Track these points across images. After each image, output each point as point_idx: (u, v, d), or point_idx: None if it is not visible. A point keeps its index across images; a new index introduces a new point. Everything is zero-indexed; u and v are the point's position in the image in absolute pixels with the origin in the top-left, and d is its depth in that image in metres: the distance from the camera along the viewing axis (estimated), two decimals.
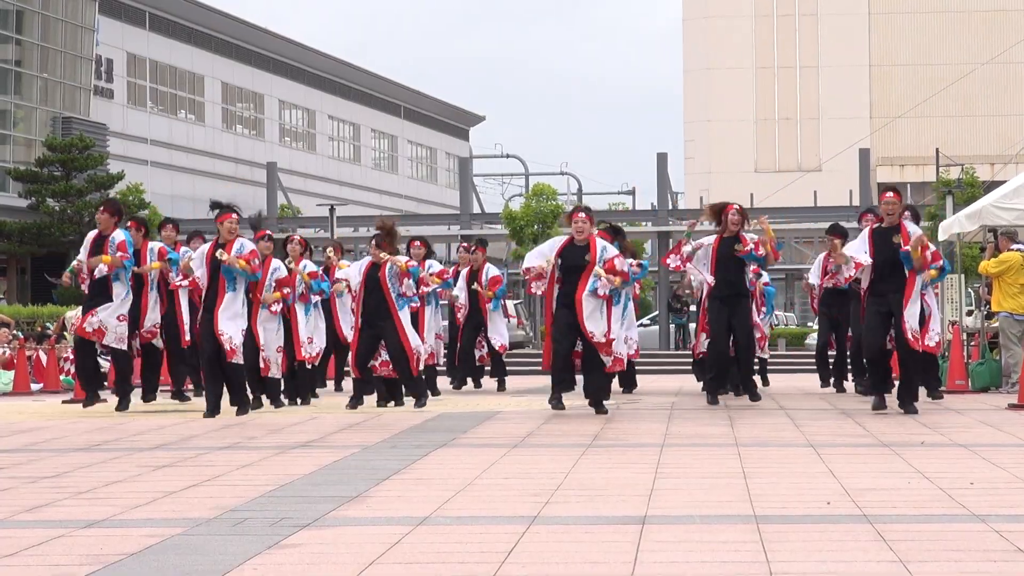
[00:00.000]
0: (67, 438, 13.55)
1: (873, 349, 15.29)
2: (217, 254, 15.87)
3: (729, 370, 17.62)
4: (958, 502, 8.35)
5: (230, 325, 15.88)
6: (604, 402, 15.89)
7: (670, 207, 59.60)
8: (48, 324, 31.94)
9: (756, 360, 19.68)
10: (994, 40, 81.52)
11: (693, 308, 21.73)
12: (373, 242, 17.28)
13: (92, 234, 16.99)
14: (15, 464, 11.10)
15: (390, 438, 13.03)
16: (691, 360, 21.50)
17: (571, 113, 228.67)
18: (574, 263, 15.51)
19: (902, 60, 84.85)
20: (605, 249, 15.59)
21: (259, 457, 11.38)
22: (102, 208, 17.01)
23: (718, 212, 17.33)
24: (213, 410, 15.91)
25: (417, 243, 19.98)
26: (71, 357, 25.12)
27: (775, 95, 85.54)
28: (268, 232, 17.67)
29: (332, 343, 19.53)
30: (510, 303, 57.05)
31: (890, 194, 15.19)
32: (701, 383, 19.91)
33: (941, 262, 15.23)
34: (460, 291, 21.26)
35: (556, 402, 15.74)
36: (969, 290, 30.56)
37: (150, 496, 8.95)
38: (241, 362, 16.03)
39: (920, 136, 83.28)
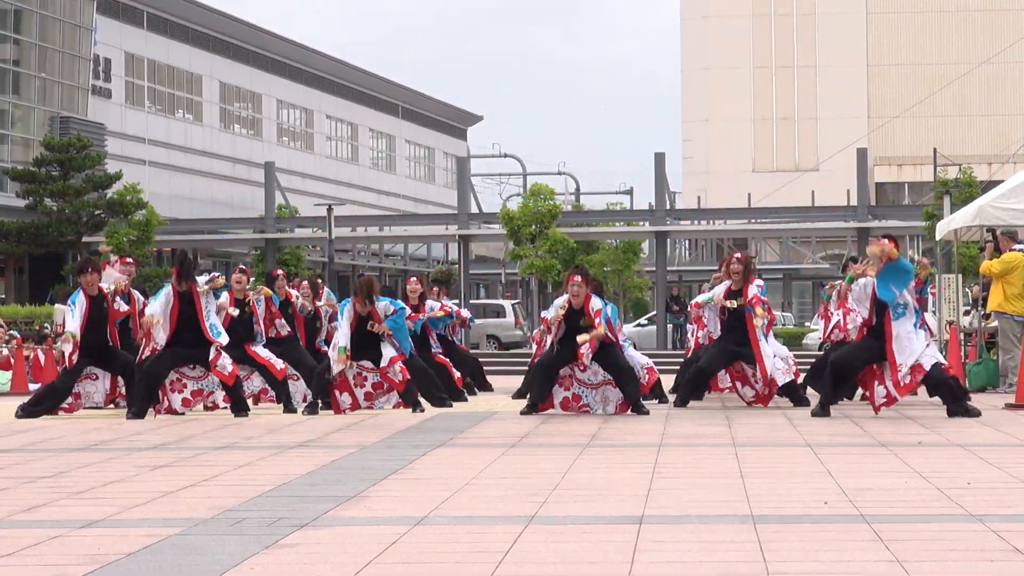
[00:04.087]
0: (65, 438, 13.55)
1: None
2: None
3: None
4: (955, 502, 8.36)
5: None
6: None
7: (668, 207, 59.59)
8: (47, 324, 31.95)
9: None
10: (992, 40, 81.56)
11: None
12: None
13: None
14: (13, 464, 11.11)
15: (387, 438, 13.03)
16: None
17: (569, 113, 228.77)
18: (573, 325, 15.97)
19: (900, 60, 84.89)
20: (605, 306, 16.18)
21: (257, 457, 11.39)
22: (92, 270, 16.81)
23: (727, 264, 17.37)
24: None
25: (414, 279, 20.47)
26: None
27: (773, 95, 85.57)
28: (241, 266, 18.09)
29: None
30: (507, 303, 57.22)
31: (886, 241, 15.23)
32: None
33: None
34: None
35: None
36: (966, 290, 30.55)
37: (148, 496, 8.95)
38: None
39: (918, 136, 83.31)
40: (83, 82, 58.32)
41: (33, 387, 24.12)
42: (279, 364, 17.39)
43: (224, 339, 16.48)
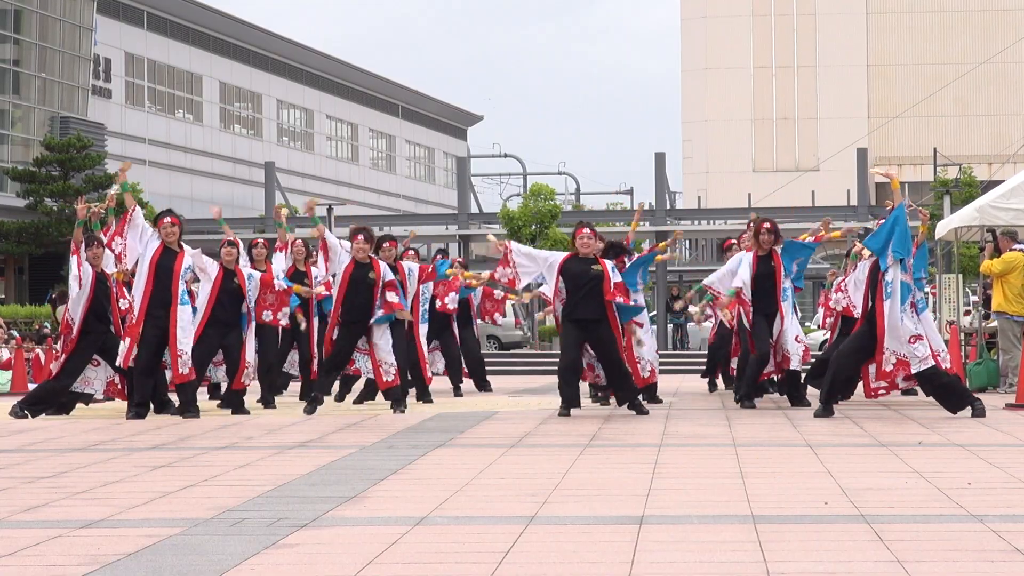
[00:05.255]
0: (65, 438, 13.55)
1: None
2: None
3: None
4: (955, 502, 8.35)
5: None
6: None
7: (668, 207, 59.61)
8: (46, 324, 31.94)
9: None
10: (992, 40, 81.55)
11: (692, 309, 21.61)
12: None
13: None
14: (13, 464, 11.10)
15: (387, 438, 13.02)
16: (695, 362, 21.54)
17: (569, 113, 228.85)
18: (581, 269, 15.68)
19: (900, 60, 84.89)
20: (613, 270, 15.85)
21: (256, 457, 11.38)
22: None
23: (755, 232, 17.32)
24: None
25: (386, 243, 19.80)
26: None
27: (773, 95, 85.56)
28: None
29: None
30: (508, 302, 57.18)
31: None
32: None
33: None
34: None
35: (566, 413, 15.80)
36: (967, 289, 30.56)
37: (147, 496, 8.95)
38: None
39: (918, 136, 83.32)
40: (83, 82, 58.32)
41: (33, 387, 24.09)
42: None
43: (187, 310, 16.24)
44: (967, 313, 25.75)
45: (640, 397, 16.20)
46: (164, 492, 9.13)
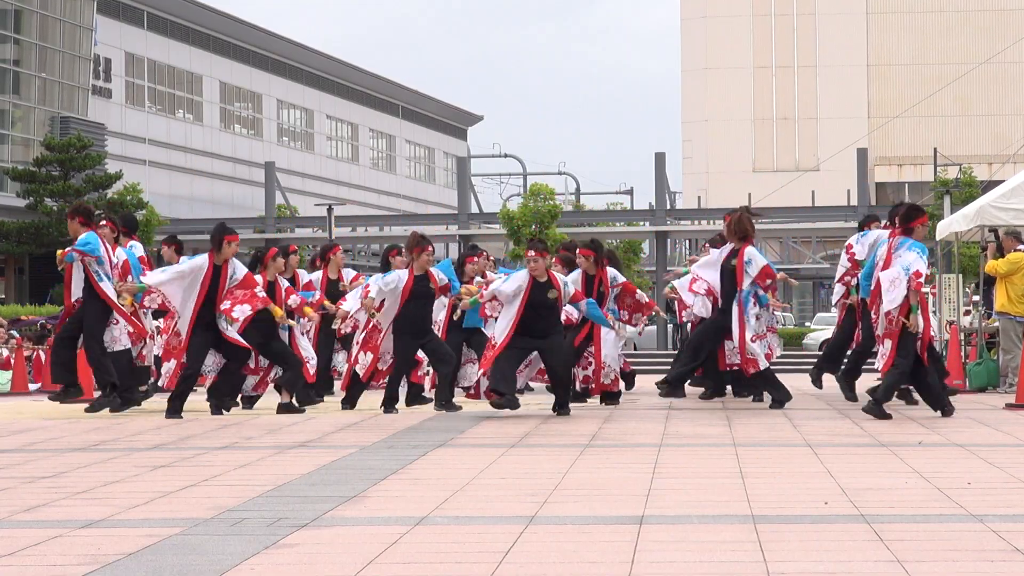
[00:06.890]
0: (65, 438, 13.54)
1: None
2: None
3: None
4: (955, 502, 8.36)
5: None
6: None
7: (668, 207, 59.64)
8: (40, 320, 31.94)
9: None
10: (992, 40, 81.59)
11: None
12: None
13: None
14: (13, 464, 11.10)
15: (387, 438, 13.02)
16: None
17: (569, 113, 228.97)
18: (540, 300, 15.55)
19: (900, 60, 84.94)
20: (566, 284, 15.81)
21: (257, 457, 11.38)
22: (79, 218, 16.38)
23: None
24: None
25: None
26: None
27: (773, 95, 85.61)
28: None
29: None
30: None
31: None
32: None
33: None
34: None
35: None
36: (967, 290, 30.55)
37: (148, 496, 8.95)
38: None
39: (918, 136, 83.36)
40: (83, 82, 58.34)
41: (33, 387, 24.06)
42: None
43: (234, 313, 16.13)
44: (967, 313, 25.75)
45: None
46: (164, 492, 9.13)
